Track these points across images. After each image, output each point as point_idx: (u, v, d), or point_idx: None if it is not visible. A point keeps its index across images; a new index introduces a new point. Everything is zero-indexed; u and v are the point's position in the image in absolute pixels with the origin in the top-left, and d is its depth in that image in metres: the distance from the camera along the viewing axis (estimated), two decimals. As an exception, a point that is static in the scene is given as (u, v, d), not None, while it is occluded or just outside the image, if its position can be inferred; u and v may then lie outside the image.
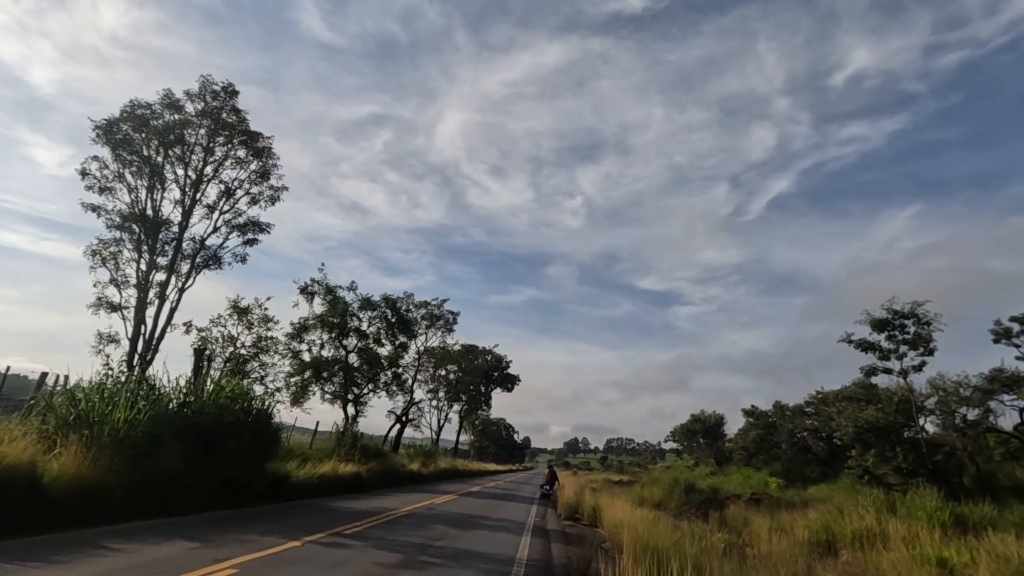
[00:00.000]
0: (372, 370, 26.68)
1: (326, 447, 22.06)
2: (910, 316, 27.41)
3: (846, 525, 14.69)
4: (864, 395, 33.20)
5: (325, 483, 16.64)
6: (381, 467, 22.32)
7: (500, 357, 57.09)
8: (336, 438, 22.57)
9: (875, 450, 23.71)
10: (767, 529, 16.23)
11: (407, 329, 27.21)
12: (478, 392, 55.75)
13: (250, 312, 18.57)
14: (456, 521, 12.34)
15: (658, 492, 31.95)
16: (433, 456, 34.26)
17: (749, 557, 11.93)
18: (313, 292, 25.23)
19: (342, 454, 21.20)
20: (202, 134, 16.23)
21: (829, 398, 35.70)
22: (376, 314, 26.35)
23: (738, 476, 49.48)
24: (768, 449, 41.41)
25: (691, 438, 69.04)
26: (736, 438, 49.94)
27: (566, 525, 14.33)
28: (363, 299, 25.79)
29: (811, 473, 36.05)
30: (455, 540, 9.58)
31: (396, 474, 24.48)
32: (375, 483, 20.89)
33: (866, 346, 29.28)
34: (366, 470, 20.66)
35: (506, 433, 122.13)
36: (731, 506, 24.65)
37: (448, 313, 36.19)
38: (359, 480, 19.51)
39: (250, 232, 17.57)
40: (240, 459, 12.28)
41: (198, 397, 12.04)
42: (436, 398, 49.56)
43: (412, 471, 27.20)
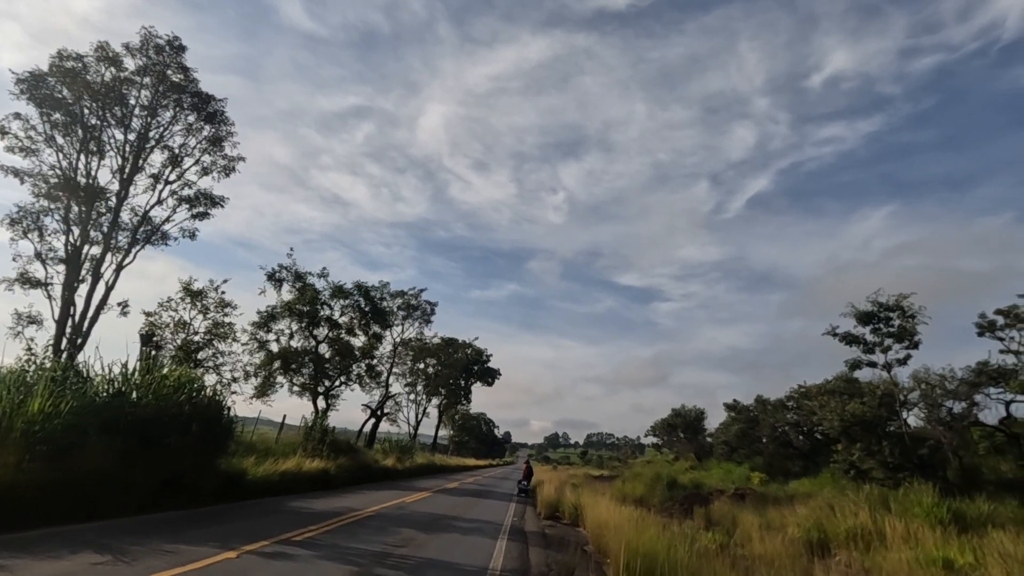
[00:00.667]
0: (344, 361, 25.37)
1: (295, 442, 20.80)
2: (895, 309, 27.03)
3: (839, 523, 13.97)
4: (847, 389, 32.92)
5: (287, 480, 15.42)
6: (352, 463, 21.11)
7: (480, 351, 55.99)
8: (304, 432, 21.31)
9: (861, 444, 23.23)
10: (757, 527, 15.50)
11: (382, 319, 25.91)
12: (457, 386, 54.59)
13: (204, 296, 17.03)
14: (426, 523, 11.25)
15: (640, 487, 31.26)
16: (409, 451, 33.05)
17: (743, 560, 11.11)
18: (281, 279, 23.80)
19: (309, 449, 19.99)
20: (145, 95, 14.65)
21: (811, 392, 35.40)
22: (349, 303, 25.02)
23: (718, 471, 49.22)
24: (750, 443, 41.11)
25: (671, 433, 68.86)
26: (718, 432, 49.67)
27: (546, 525, 13.35)
28: (335, 287, 24.42)
29: (793, 467, 35.76)
30: (421, 547, 8.50)
31: (368, 470, 23.28)
32: (345, 480, 19.69)
33: (851, 339, 28.88)
34: (335, 466, 19.45)
35: (486, 428, 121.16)
36: (716, 502, 24.01)
37: (425, 304, 34.94)
38: (326, 477, 18.30)
39: (201, 205, 16.06)
40: (186, 455, 11.04)
41: (137, 386, 10.74)
42: (414, 392, 48.27)
43: (386, 467, 26.01)
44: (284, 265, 23.55)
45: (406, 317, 34.04)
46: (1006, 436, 22.68)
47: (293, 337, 25.03)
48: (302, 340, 25.12)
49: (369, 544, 8.19)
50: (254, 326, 24.06)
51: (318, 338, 24.62)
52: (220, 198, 16.29)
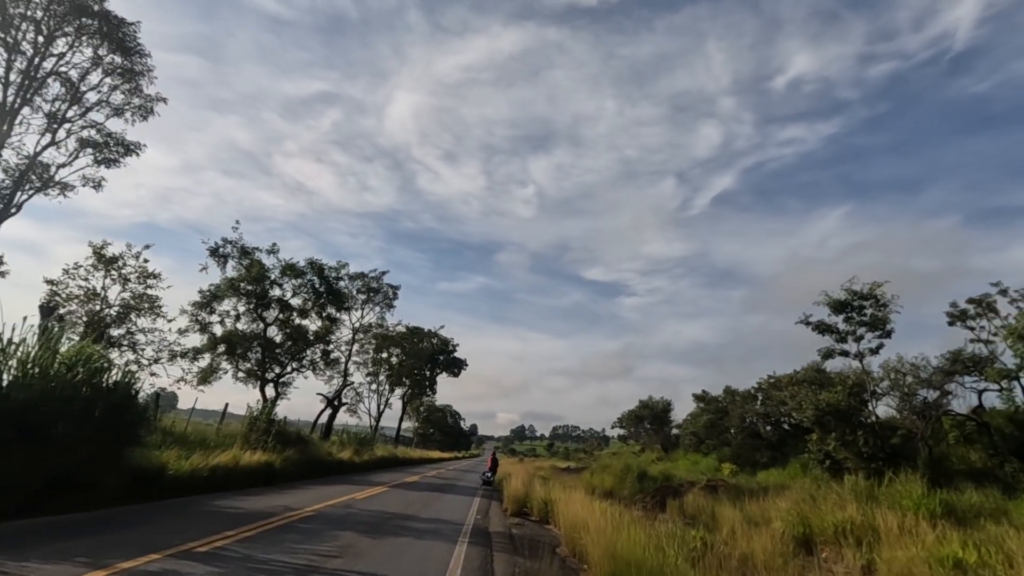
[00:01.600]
0: (296, 346, 23.42)
1: (238, 433, 18.88)
2: (868, 297, 26.64)
3: (825, 517, 13.04)
4: (817, 379, 32.66)
5: (220, 476, 13.59)
6: (301, 456, 19.29)
7: (446, 340, 54.24)
8: (248, 422, 19.38)
9: (836, 434, 22.69)
10: (737, 522, 14.48)
11: (338, 301, 23.98)
12: (422, 376, 52.76)
13: (121, 263, 14.81)
14: (373, 524, 9.68)
15: (609, 479, 30.30)
16: (368, 443, 31.24)
17: (729, 559, 9.97)
18: (226, 255, 21.64)
19: (252, 441, 18.11)
20: (36, 11, 12.23)
21: (782, 383, 35.18)
22: (302, 282, 23.01)
23: (685, 462, 48.97)
24: (718, 434, 40.85)
25: (638, 424, 68.73)
26: (686, 423, 49.42)
27: (513, 524, 11.94)
28: (285, 264, 22.37)
29: (761, 458, 35.51)
30: (359, 557, 6.95)
31: (321, 464, 21.48)
32: (292, 475, 17.90)
33: (824, 328, 28.44)
34: (281, 459, 17.63)
35: (452, 420, 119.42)
36: (689, 494, 23.14)
37: (387, 287, 32.93)
38: (270, 471, 16.49)
39: (110, 151, 13.85)
40: (81, 447, 9.17)
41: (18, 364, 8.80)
42: (376, 382, 46.23)
43: (341, 460, 24.21)
44: (229, 239, 21.42)
45: (366, 301, 32.10)
46: (977, 425, 22.47)
47: (240, 319, 22.93)
48: (249, 323, 23.04)
49: (293, 555, 6.60)
50: (195, 306, 21.87)
51: (267, 320, 22.56)
52: (135, 144, 14.05)
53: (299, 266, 22.34)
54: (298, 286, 22.84)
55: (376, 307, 32.85)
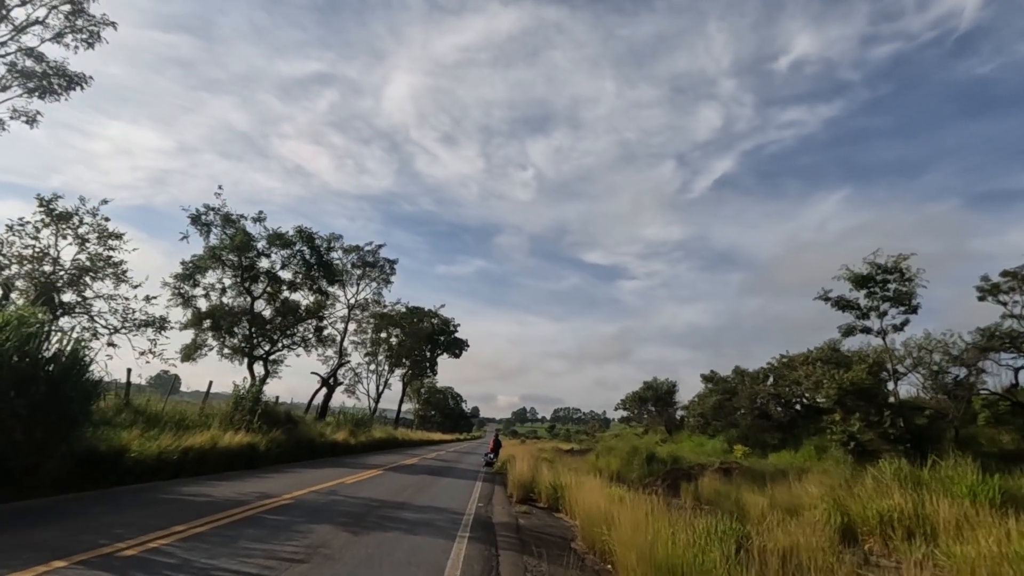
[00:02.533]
0: (285, 321, 22.01)
1: (223, 413, 17.55)
2: (893, 271, 25.11)
3: (868, 504, 11.68)
4: (833, 358, 31.27)
5: (193, 459, 12.26)
6: (288, 437, 17.99)
7: (447, 320, 52.89)
8: (232, 402, 18.07)
9: (860, 414, 21.33)
10: (766, 509, 13.16)
11: (329, 273, 22.44)
12: (423, 357, 51.49)
13: (76, 221, 13.14)
14: (357, 515, 8.31)
15: (615, 461, 29.12)
16: (366, 424, 30.01)
17: (767, 555, 8.62)
18: (209, 223, 20.08)
19: (236, 421, 16.80)
20: None
21: (795, 362, 33.81)
22: (290, 253, 21.46)
23: (689, 443, 47.87)
24: (726, 415, 39.64)
25: (642, 406, 67.65)
26: (693, 405, 48.20)
27: (519, 513, 10.59)
28: (272, 233, 20.80)
29: (771, 440, 34.29)
30: (329, 561, 5.54)
31: (312, 446, 20.22)
32: (277, 457, 16.62)
33: (844, 304, 26.98)
34: (266, 441, 16.33)
35: (453, 402, 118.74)
36: (702, 477, 21.91)
37: (384, 261, 31.37)
38: (253, 454, 15.19)
39: (51, 82, 12.15)
40: (12, 426, 7.78)
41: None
42: (375, 362, 44.95)
43: (335, 442, 22.95)
44: (212, 206, 19.83)
45: (362, 276, 30.56)
46: (1011, 405, 21.10)
47: (226, 293, 21.47)
48: (236, 296, 21.60)
49: (244, 560, 5.19)
50: (177, 279, 20.40)
51: (254, 294, 21.08)
52: (80, 76, 12.36)
53: (287, 235, 20.79)
54: (287, 257, 21.32)
55: (372, 283, 31.35)
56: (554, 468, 16.44)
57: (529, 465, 14.69)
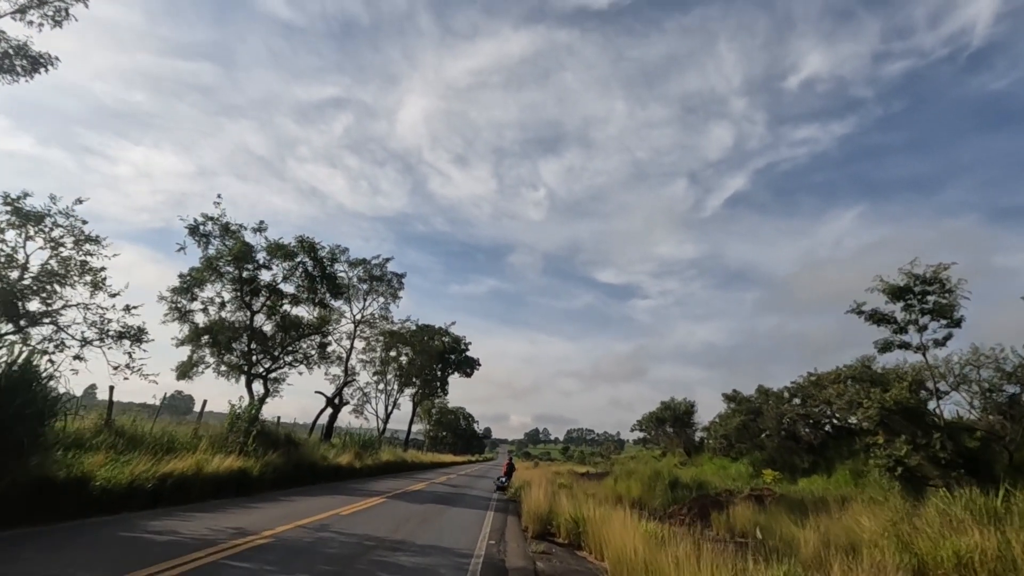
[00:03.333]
0: (287, 337, 20.92)
1: (217, 434, 16.37)
2: (932, 282, 23.46)
3: (940, 544, 10.08)
4: (867, 375, 29.43)
5: (172, 487, 11.02)
6: (287, 461, 16.72)
7: (458, 338, 51.59)
8: (228, 422, 16.92)
9: (905, 436, 19.55)
10: (816, 545, 11.60)
11: (334, 287, 21.34)
12: (433, 376, 50.10)
13: (48, 223, 12.04)
14: (343, 560, 6.98)
15: (636, 487, 27.40)
16: (372, 446, 28.66)
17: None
18: (207, 234, 19.16)
19: (230, 443, 15.61)
20: None
21: (825, 380, 31.96)
22: (293, 264, 20.42)
23: (711, 467, 45.70)
24: (751, 437, 37.62)
25: (659, 427, 65.41)
26: (714, 426, 46.09)
27: (538, 553, 9.13)
28: (273, 243, 19.80)
29: (800, 463, 32.29)
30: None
31: (313, 470, 18.92)
32: (273, 482, 15.35)
33: (879, 318, 25.29)
34: (260, 465, 15.07)
35: (465, 423, 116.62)
36: (733, 505, 20.20)
37: (392, 275, 30.25)
38: (244, 479, 13.93)
39: (12, 62, 11.18)
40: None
41: None
42: (383, 381, 43.65)
43: (339, 466, 21.62)
44: (210, 216, 18.92)
45: (369, 291, 29.44)
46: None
47: (224, 307, 20.46)
48: (236, 311, 20.58)
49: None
50: (174, 292, 19.45)
51: (253, 308, 20.02)
52: (44, 56, 11.41)
53: (288, 246, 19.76)
54: (289, 269, 20.27)
55: (380, 297, 30.19)
56: (573, 496, 14.95)
57: (546, 493, 13.24)
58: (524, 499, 14.03)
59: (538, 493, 12.71)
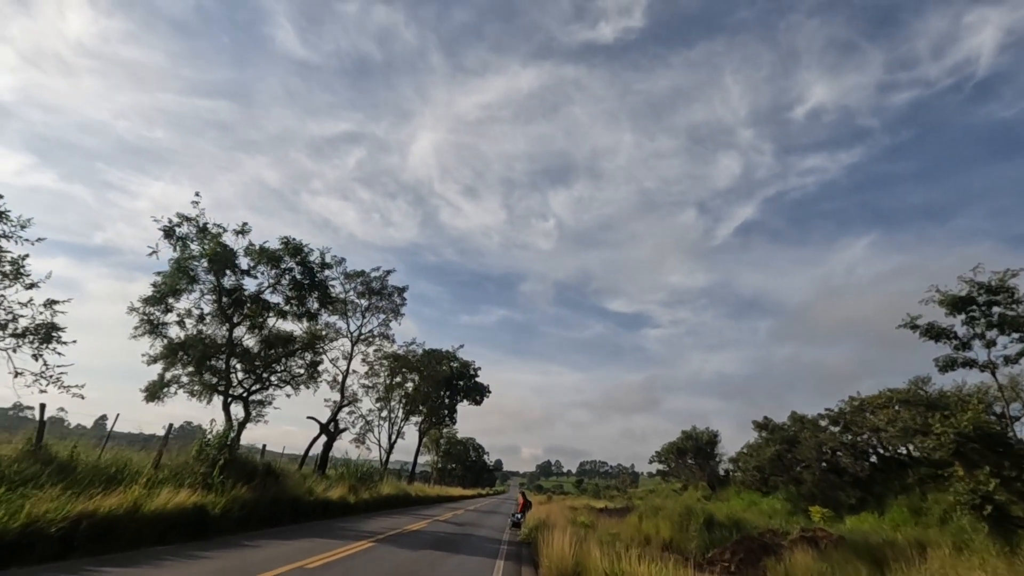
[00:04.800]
0: (271, 353, 18.61)
1: (181, 464, 13.95)
2: (999, 291, 20.74)
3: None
4: (923, 399, 26.42)
5: (92, 530, 8.61)
6: (259, 496, 14.19)
7: (467, 363, 49.00)
8: (196, 449, 14.54)
9: (989, 468, 16.59)
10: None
11: (325, 295, 19.03)
12: (441, 403, 47.35)
13: None
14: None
15: (665, 526, 24.29)
16: (371, 478, 25.93)
17: None
18: (184, 236, 17.12)
19: (191, 473, 13.21)
20: None
21: (871, 405, 28.87)
22: (279, 271, 18.22)
23: (738, 502, 42.07)
24: (786, 469, 34.16)
25: (680, 458, 61.58)
26: (743, 456, 42.58)
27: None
28: (257, 248, 17.66)
29: (846, 499, 28.91)
30: None
31: (296, 506, 16.36)
32: (241, 522, 12.83)
33: (937, 333, 22.50)
34: (225, 501, 12.57)
35: (475, 454, 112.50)
36: (785, 550, 17.24)
37: (393, 289, 27.87)
38: (200, 518, 11.44)
39: None
40: None
41: None
42: (387, 407, 41.00)
43: (329, 500, 18.99)
44: (187, 216, 16.89)
45: (368, 308, 27.06)
46: None
47: (204, 320, 18.27)
48: (219, 326, 18.38)
49: None
50: (146, 303, 17.32)
51: (233, 320, 17.77)
52: None
53: (273, 250, 17.59)
54: (275, 276, 18.06)
55: (381, 314, 27.78)
56: (598, 540, 12.20)
57: (569, 538, 10.56)
58: (542, 545, 11.35)
59: (561, 540, 10.06)
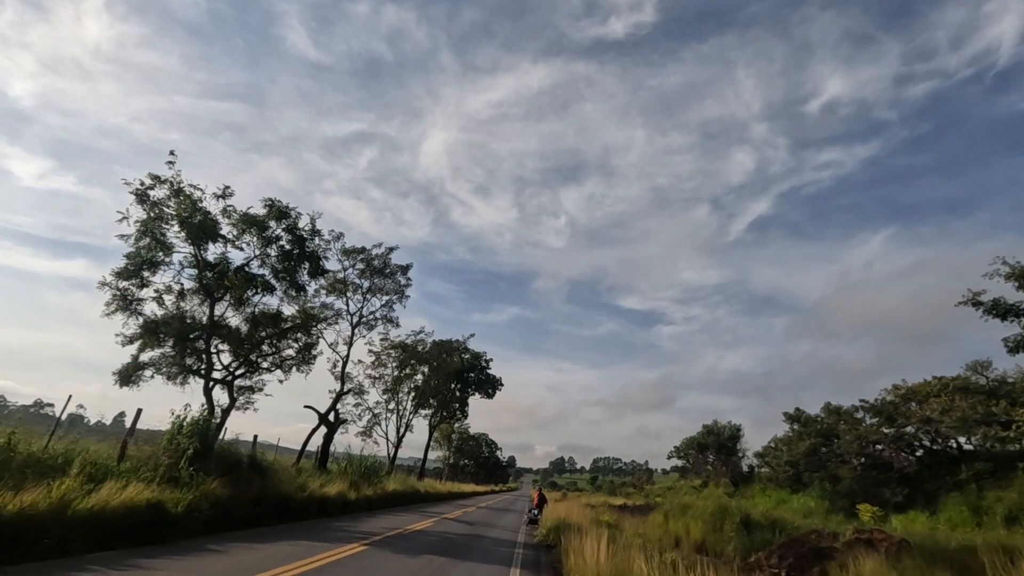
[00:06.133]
0: (258, 333, 16.73)
1: (148, 455, 12.11)
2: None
3: None
4: (983, 387, 23.91)
5: (9, 531, 6.73)
6: (235, 492, 12.28)
7: (478, 354, 46.99)
8: (167, 438, 12.70)
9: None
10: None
11: (315, 266, 17.03)
12: (451, 396, 45.37)
13: None
14: None
15: (697, 526, 22.07)
16: (376, 474, 24.01)
17: None
18: (159, 201, 15.23)
19: (157, 466, 11.36)
20: None
21: (919, 393, 26.37)
22: (265, 240, 16.26)
23: (764, 500, 39.60)
24: (821, 464, 31.58)
25: (701, 453, 59.20)
26: (770, 452, 40.07)
27: None
28: (241, 216, 15.73)
29: (893, 496, 26.45)
30: None
31: (286, 504, 14.46)
32: (211, 522, 10.91)
33: (1005, 310, 20.06)
34: (192, 498, 10.65)
35: (488, 450, 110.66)
36: (842, 555, 14.99)
37: (396, 268, 25.78)
38: (158, 518, 9.53)
39: None
40: None
41: None
42: (395, 400, 39.13)
43: (326, 497, 17.09)
44: (161, 177, 15.03)
45: (369, 290, 24.97)
46: None
47: (184, 297, 16.44)
48: (200, 303, 16.53)
49: None
50: (118, 276, 15.50)
51: (215, 295, 15.88)
52: None
53: (254, 215, 15.59)
54: (262, 245, 16.12)
55: (384, 296, 25.67)
56: (639, 546, 10.09)
57: (605, 545, 8.47)
58: (570, 552, 9.26)
59: (594, 547, 7.97)
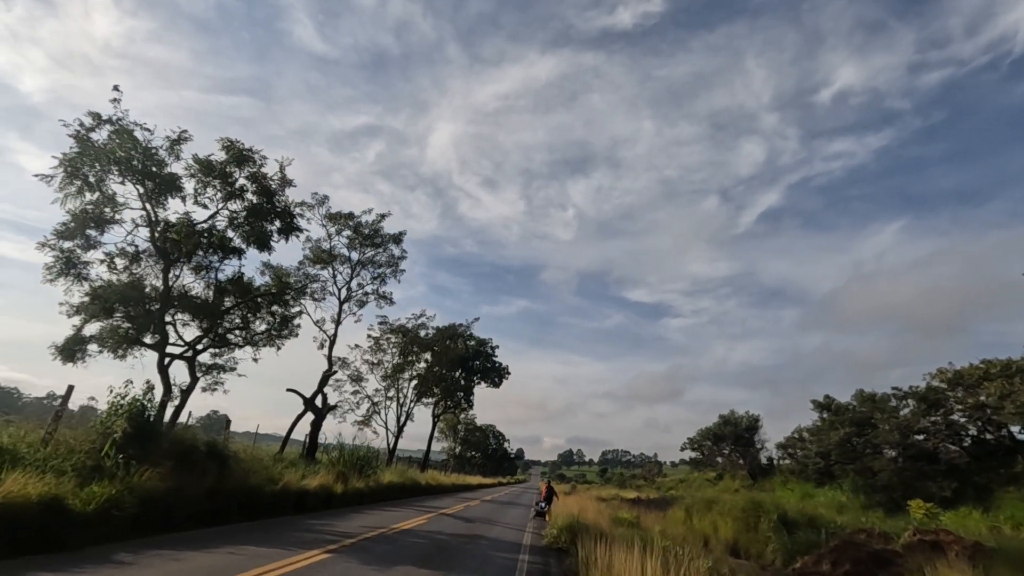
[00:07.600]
0: (218, 302, 14.48)
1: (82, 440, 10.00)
2: None
3: None
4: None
5: None
6: (174, 486, 10.06)
7: (483, 341, 44.75)
8: (101, 420, 10.62)
9: None
10: None
11: (287, 223, 14.70)
12: (456, 384, 43.15)
13: None
14: None
15: (726, 524, 19.76)
16: (370, 465, 21.84)
17: None
18: (103, 146, 12.95)
19: (75, 452, 9.20)
20: None
21: (971, 377, 23.73)
22: (227, 192, 13.96)
23: (786, 494, 37.06)
24: (855, 456, 28.97)
25: (717, 444, 56.70)
26: (794, 442, 37.52)
27: None
28: (199, 162, 13.44)
29: (939, 491, 23.92)
30: None
31: (253, 498, 12.29)
32: (136, 523, 8.70)
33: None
34: (111, 493, 8.44)
35: (496, 442, 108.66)
36: (905, 561, 12.64)
37: (388, 237, 23.25)
38: (53, 520, 7.32)
39: None
40: None
41: None
42: (394, 387, 36.99)
43: (305, 491, 14.91)
44: (104, 116, 12.77)
45: (358, 261, 22.51)
46: None
47: (139, 261, 14.22)
48: (153, 265, 14.30)
49: None
50: (59, 235, 13.29)
51: (169, 256, 13.62)
52: None
53: (215, 162, 13.22)
54: (224, 199, 13.82)
55: (378, 270, 23.27)
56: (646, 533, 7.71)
57: (637, 557, 6.10)
58: (588, 565, 6.88)
59: (634, 567, 5.60)
